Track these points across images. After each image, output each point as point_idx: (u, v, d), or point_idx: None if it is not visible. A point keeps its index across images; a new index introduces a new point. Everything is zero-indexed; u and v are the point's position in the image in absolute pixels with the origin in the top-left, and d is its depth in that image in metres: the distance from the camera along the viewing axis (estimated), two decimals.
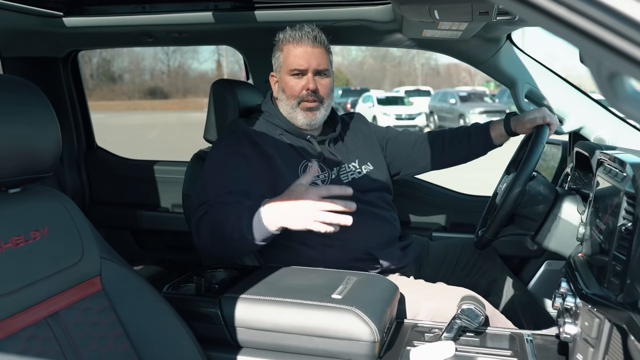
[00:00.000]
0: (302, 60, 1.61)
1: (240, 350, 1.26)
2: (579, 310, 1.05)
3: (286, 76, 1.64)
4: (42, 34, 2.22)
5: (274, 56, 1.70)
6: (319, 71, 1.63)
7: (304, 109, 1.64)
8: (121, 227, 2.61)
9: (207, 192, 1.49)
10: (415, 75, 49.95)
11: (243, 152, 1.56)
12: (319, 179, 1.62)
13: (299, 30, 1.63)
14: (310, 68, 1.62)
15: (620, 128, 1.80)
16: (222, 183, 1.50)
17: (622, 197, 1.00)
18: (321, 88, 1.64)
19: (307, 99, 1.63)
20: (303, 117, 1.65)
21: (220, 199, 1.44)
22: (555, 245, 1.50)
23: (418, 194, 2.31)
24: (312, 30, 1.63)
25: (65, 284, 1.03)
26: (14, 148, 0.97)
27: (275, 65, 1.69)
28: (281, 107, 1.68)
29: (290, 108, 1.65)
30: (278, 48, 1.67)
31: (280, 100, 1.68)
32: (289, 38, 1.63)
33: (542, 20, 0.47)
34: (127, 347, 1.07)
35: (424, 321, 1.39)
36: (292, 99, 1.64)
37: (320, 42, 1.63)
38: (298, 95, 1.63)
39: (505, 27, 1.78)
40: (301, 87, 1.63)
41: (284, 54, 1.65)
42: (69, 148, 2.63)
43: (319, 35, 1.63)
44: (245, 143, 1.59)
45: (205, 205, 1.45)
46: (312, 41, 1.62)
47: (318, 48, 1.62)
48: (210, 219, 1.41)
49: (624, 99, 0.47)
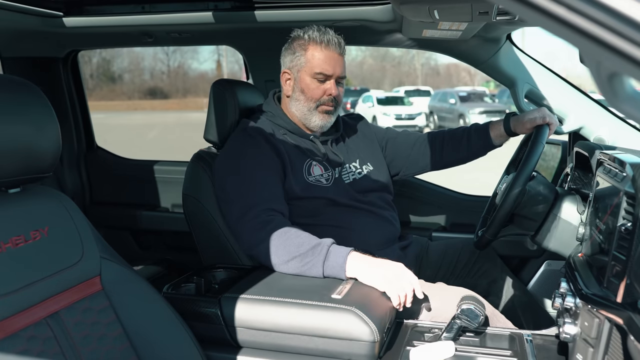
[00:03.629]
0: (329, 66, 1.60)
1: (240, 350, 1.26)
2: (578, 310, 1.05)
3: (307, 77, 1.62)
4: (42, 34, 2.22)
5: (292, 53, 1.65)
6: (340, 78, 1.64)
7: (322, 112, 1.64)
8: (121, 227, 2.61)
9: (248, 197, 1.49)
10: (415, 75, 49.96)
11: (263, 151, 1.57)
12: (322, 178, 1.62)
13: (325, 33, 1.61)
14: (335, 74, 1.62)
15: (620, 128, 1.80)
16: (260, 186, 1.50)
17: (621, 197, 1.00)
18: (339, 94, 1.65)
19: (327, 104, 1.63)
20: (320, 120, 1.64)
21: (268, 205, 1.46)
22: (555, 245, 1.50)
23: (418, 194, 2.31)
24: (336, 36, 1.62)
25: (65, 284, 1.03)
26: (14, 148, 0.97)
27: (292, 64, 1.65)
28: (294, 106, 1.67)
29: (307, 109, 1.64)
30: (299, 46, 1.63)
31: (296, 100, 1.66)
32: (315, 39, 1.61)
33: (542, 20, 0.47)
34: (127, 347, 1.07)
35: (424, 321, 1.39)
36: (311, 101, 1.63)
37: (343, 50, 1.64)
38: (318, 99, 1.63)
39: (505, 27, 1.78)
40: (323, 91, 1.62)
41: (307, 55, 1.61)
42: (69, 148, 2.63)
43: (342, 43, 1.63)
44: (262, 141, 1.58)
45: (261, 213, 1.45)
46: (338, 47, 1.62)
47: (342, 56, 1.63)
48: (277, 232, 1.41)
49: (623, 99, 0.47)
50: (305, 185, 1.58)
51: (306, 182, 1.59)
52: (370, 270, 1.34)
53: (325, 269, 1.36)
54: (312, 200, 1.58)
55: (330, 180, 1.63)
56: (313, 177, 1.61)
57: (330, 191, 1.61)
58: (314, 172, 1.62)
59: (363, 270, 1.34)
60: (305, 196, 1.57)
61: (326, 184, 1.62)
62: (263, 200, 1.48)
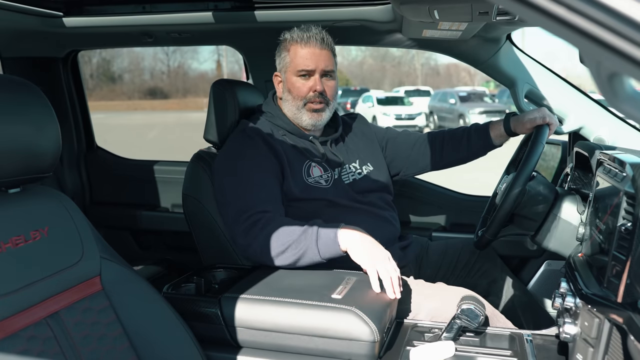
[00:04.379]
0: (310, 61, 1.60)
1: (240, 350, 1.26)
2: (578, 310, 1.05)
3: (292, 76, 1.63)
4: (42, 34, 2.22)
5: (279, 56, 1.68)
6: (326, 72, 1.63)
7: (310, 110, 1.63)
8: (121, 227, 2.61)
9: (245, 199, 1.49)
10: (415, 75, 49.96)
11: (261, 152, 1.57)
12: (322, 179, 1.62)
13: (307, 31, 1.62)
14: (318, 69, 1.61)
15: (620, 128, 1.80)
16: (257, 188, 1.50)
17: (621, 197, 1.00)
18: (327, 90, 1.64)
19: (313, 100, 1.63)
20: (308, 118, 1.64)
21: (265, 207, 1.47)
22: (555, 245, 1.50)
23: (418, 194, 2.31)
24: (320, 32, 1.62)
25: (65, 284, 1.03)
26: (14, 148, 0.97)
27: (280, 65, 1.68)
28: (286, 107, 1.68)
29: (296, 109, 1.65)
30: (284, 48, 1.66)
31: (286, 101, 1.67)
32: (296, 38, 1.62)
33: (542, 20, 0.47)
34: (127, 347, 1.07)
35: (424, 321, 1.39)
36: (298, 100, 1.63)
37: (327, 44, 1.63)
38: (304, 97, 1.63)
39: (505, 27, 1.78)
40: (308, 88, 1.62)
41: (290, 54, 1.63)
42: (69, 148, 2.63)
43: (326, 37, 1.63)
44: (260, 142, 1.58)
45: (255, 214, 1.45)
46: (320, 43, 1.61)
47: (325, 50, 1.62)
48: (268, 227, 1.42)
49: (623, 99, 0.47)
50: (305, 186, 1.58)
51: (305, 183, 1.59)
52: (361, 243, 1.36)
53: (320, 248, 1.37)
54: (312, 202, 1.58)
55: (329, 182, 1.63)
56: (312, 179, 1.61)
57: (329, 192, 1.61)
58: (313, 173, 1.62)
59: (355, 241, 1.36)
60: (304, 197, 1.57)
61: (325, 185, 1.62)
62: (259, 202, 1.48)
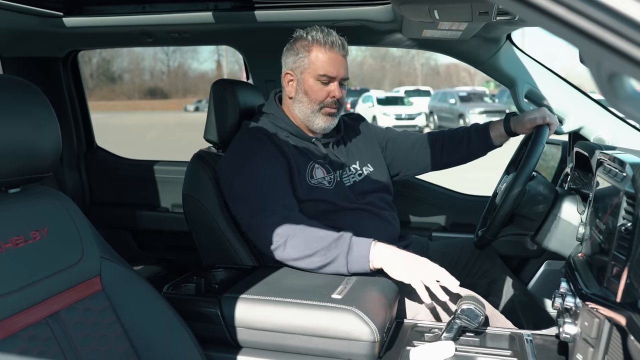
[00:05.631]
0: (333, 68, 1.59)
1: (240, 350, 1.26)
2: (578, 310, 1.05)
3: (311, 79, 1.61)
4: (42, 34, 2.22)
5: (295, 54, 1.63)
6: (343, 79, 1.64)
7: (325, 114, 1.63)
8: (121, 227, 2.61)
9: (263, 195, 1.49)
10: (415, 75, 50.00)
11: (270, 150, 1.56)
12: (325, 180, 1.62)
13: (329, 34, 1.60)
14: (339, 77, 1.61)
15: (620, 128, 1.80)
16: (273, 183, 1.50)
17: (621, 197, 1.00)
18: (342, 96, 1.65)
19: (330, 106, 1.62)
20: (323, 122, 1.64)
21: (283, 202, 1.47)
22: (555, 245, 1.50)
23: (418, 194, 2.31)
24: (338, 37, 1.61)
25: (65, 284, 1.03)
26: (14, 148, 0.97)
27: (295, 65, 1.63)
28: (297, 108, 1.65)
29: (311, 112, 1.63)
30: (303, 47, 1.61)
31: (299, 102, 1.64)
32: (319, 40, 1.59)
33: (542, 20, 0.47)
34: (127, 347, 1.07)
35: (424, 321, 1.39)
36: (314, 103, 1.62)
37: (346, 52, 1.63)
38: (322, 101, 1.62)
39: (505, 27, 1.79)
40: (327, 93, 1.61)
41: (311, 56, 1.60)
42: (69, 148, 2.63)
43: (345, 44, 1.63)
44: (267, 142, 1.58)
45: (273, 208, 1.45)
46: (342, 49, 1.61)
47: (345, 57, 1.63)
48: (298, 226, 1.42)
49: (623, 99, 0.47)
50: (308, 188, 1.58)
51: (309, 184, 1.58)
52: (395, 259, 1.35)
53: (349, 261, 1.36)
54: (314, 203, 1.57)
55: (332, 183, 1.63)
56: (316, 180, 1.60)
57: (331, 194, 1.61)
58: (317, 175, 1.62)
59: (388, 259, 1.36)
60: (307, 199, 1.56)
61: (328, 186, 1.61)
62: (278, 197, 1.48)
